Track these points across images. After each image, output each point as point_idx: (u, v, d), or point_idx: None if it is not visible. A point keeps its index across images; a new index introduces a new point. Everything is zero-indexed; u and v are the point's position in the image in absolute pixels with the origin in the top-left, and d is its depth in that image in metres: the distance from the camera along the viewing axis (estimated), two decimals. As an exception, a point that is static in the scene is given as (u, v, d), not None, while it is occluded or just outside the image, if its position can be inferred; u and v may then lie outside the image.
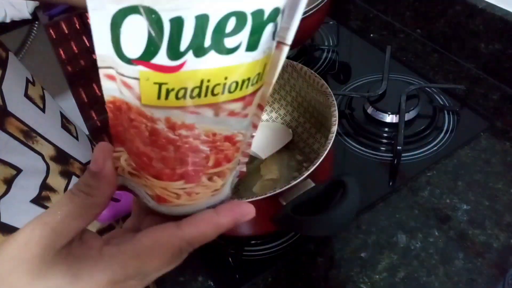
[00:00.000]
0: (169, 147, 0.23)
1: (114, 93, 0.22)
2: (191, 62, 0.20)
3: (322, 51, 0.83)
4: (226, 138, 0.24)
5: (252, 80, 0.22)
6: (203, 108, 0.22)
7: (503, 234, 0.51)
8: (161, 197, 0.25)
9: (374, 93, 0.66)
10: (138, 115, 0.22)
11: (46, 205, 0.45)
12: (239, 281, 0.52)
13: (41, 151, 0.46)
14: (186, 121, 0.22)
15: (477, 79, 0.71)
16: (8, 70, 0.43)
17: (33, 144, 0.45)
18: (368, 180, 0.59)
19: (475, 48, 0.71)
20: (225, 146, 0.24)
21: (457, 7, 0.71)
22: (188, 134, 0.22)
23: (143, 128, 0.22)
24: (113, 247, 0.24)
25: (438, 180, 0.57)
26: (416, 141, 0.63)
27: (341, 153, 0.63)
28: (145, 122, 0.22)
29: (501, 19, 0.65)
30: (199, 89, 0.21)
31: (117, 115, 0.23)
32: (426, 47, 0.79)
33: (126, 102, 0.22)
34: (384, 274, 0.49)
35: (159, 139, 0.23)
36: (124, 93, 0.21)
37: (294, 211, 0.37)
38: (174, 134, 0.22)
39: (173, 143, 0.23)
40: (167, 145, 0.23)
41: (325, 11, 0.73)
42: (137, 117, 0.22)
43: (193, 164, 0.24)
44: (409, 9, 0.81)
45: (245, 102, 0.23)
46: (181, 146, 0.23)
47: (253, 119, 0.26)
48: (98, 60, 0.21)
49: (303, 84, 0.55)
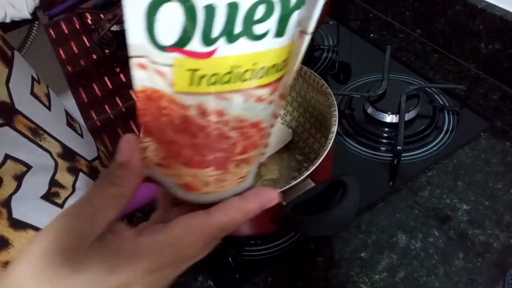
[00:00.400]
0: (199, 133, 0.24)
1: (145, 82, 0.22)
2: (222, 48, 0.21)
3: (322, 51, 0.83)
4: (252, 125, 0.25)
5: (278, 66, 0.23)
6: (233, 93, 0.23)
7: (503, 234, 0.51)
8: (189, 185, 0.26)
9: (374, 93, 0.66)
10: (170, 103, 0.23)
11: (56, 201, 0.45)
12: (239, 281, 0.52)
13: (49, 148, 0.46)
14: (217, 107, 0.23)
15: (477, 79, 0.71)
16: (14, 68, 0.44)
17: (40, 141, 0.46)
18: (368, 180, 0.59)
19: (475, 48, 0.71)
20: (252, 132, 0.25)
21: (457, 7, 0.71)
22: (219, 120, 0.23)
23: (174, 115, 0.23)
24: (147, 237, 0.24)
25: (438, 180, 0.57)
26: (416, 141, 0.63)
27: (341, 153, 0.63)
28: (176, 110, 0.23)
29: (501, 19, 0.65)
30: (229, 75, 0.22)
31: (147, 105, 0.23)
32: (426, 47, 0.79)
33: (157, 90, 0.22)
34: (384, 274, 0.49)
35: (190, 126, 0.23)
36: (156, 81, 0.22)
37: (294, 211, 0.37)
38: (204, 120, 0.23)
39: (203, 129, 0.23)
40: (198, 132, 0.23)
41: (325, 11, 0.73)
42: (169, 105, 0.23)
43: (222, 151, 0.25)
44: (409, 9, 0.81)
45: (272, 88, 0.24)
46: (211, 133, 0.24)
47: (275, 109, 0.26)
48: (130, 49, 0.21)
49: (303, 84, 0.55)
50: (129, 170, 0.24)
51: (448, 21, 0.74)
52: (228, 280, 0.52)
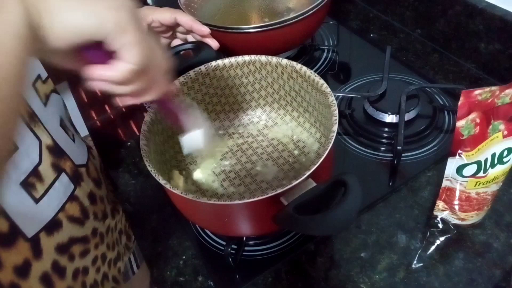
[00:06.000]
0: None
1: None
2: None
3: (322, 51, 0.83)
4: None
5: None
6: None
7: (503, 234, 0.51)
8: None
9: (374, 93, 0.66)
10: None
11: (33, 193, 0.45)
12: (239, 281, 0.52)
13: (41, 137, 0.46)
14: None
15: (477, 79, 0.71)
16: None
17: (34, 127, 0.46)
18: (368, 180, 0.59)
19: (475, 48, 0.71)
20: None
21: (457, 7, 0.71)
22: None
23: None
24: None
25: (438, 180, 0.57)
26: (416, 141, 0.63)
27: (341, 153, 0.63)
28: None
29: (501, 19, 0.65)
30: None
31: None
32: (426, 47, 0.79)
33: None
34: (384, 274, 0.49)
35: None
36: None
37: (296, 210, 0.37)
38: None
39: None
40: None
41: (325, 11, 0.73)
42: None
43: None
44: (409, 9, 0.81)
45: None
46: None
47: None
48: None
49: (303, 84, 0.55)
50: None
51: (448, 21, 0.74)
52: (228, 280, 0.52)
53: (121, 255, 0.63)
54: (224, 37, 0.67)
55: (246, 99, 0.63)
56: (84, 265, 0.53)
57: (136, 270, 0.69)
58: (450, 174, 0.48)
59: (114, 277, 0.60)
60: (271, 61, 0.56)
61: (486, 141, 0.44)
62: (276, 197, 0.40)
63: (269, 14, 0.82)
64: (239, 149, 0.61)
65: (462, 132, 0.46)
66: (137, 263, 0.69)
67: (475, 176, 0.46)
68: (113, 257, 0.60)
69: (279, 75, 0.57)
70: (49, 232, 0.47)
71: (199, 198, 0.41)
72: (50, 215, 0.47)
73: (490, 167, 0.45)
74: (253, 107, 0.64)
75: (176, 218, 0.59)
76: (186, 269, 0.53)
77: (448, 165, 0.48)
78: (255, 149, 0.61)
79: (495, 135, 0.43)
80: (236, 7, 0.83)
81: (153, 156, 0.48)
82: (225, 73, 0.59)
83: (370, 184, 0.58)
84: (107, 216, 0.60)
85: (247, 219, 0.46)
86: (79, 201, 0.51)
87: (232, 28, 0.67)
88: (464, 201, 0.49)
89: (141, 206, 0.62)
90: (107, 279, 0.59)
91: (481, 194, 0.48)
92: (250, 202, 0.40)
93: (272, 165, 0.58)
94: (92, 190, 0.55)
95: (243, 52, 0.58)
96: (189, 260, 0.54)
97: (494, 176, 0.45)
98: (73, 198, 0.50)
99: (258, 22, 0.76)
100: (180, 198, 0.44)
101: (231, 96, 0.62)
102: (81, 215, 0.52)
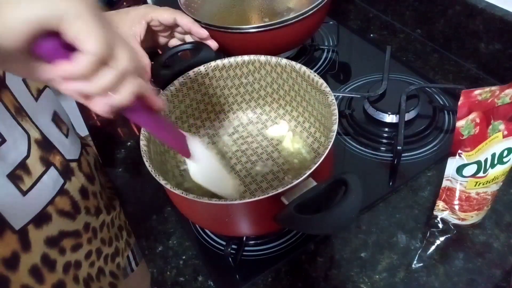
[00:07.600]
0: None
1: None
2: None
3: (322, 51, 0.83)
4: None
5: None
6: None
7: (503, 234, 0.51)
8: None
9: (374, 93, 0.66)
10: None
11: (20, 186, 0.45)
12: (239, 281, 0.51)
13: (29, 131, 0.46)
14: None
15: (477, 79, 0.71)
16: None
17: (21, 121, 0.46)
18: (368, 180, 0.59)
19: (475, 48, 0.71)
20: None
21: (457, 7, 0.71)
22: None
23: None
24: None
25: (438, 180, 0.57)
26: (416, 141, 0.63)
27: (341, 153, 0.63)
28: None
29: (501, 19, 0.65)
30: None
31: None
32: (426, 47, 0.79)
33: None
34: (384, 274, 0.49)
35: None
36: None
37: (297, 209, 0.37)
38: None
39: None
40: None
41: (325, 11, 0.73)
42: None
43: None
44: (409, 9, 0.81)
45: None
46: None
47: None
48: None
49: (302, 84, 0.55)
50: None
51: (448, 21, 0.74)
52: (228, 280, 0.52)
53: (120, 251, 0.63)
54: (224, 37, 0.67)
55: (246, 99, 0.63)
56: (76, 259, 0.53)
57: (135, 267, 0.68)
58: (450, 174, 0.48)
59: (112, 272, 0.60)
60: (270, 61, 0.56)
61: (486, 141, 0.44)
62: (276, 196, 0.40)
63: (269, 14, 0.82)
64: (239, 149, 0.61)
65: (462, 132, 0.46)
66: (135, 261, 0.69)
67: (475, 176, 0.46)
68: (110, 253, 0.60)
69: (279, 75, 0.57)
70: (37, 225, 0.47)
71: (200, 198, 0.41)
72: (38, 208, 0.47)
73: (490, 167, 0.45)
74: (253, 107, 0.64)
75: (176, 218, 0.59)
76: (186, 269, 0.53)
77: (448, 165, 0.48)
78: (255, 149, 0.61)
79: (495, 135, 0.43)
80: (236, 7, 0.83)
81: (153, 156, 0.48)
82: (225, 73, 0.58)
83: (370, 184, 0.58)
84: (101, 211, 0.59)
85: (248, 219, 0.46)
86: (69, 195, 0.51)
87: (232, 28, 0.67)
88: (464, 201, 0.49)
89: (141, 206, 0.62)
90: (103, 274, 0.58)
91: (481, 194, 0.48)
92: (251, 201, 0.40)
93: (272, 165, 0.58)
94: (84, 185, 0.54)
95: (242, 52, 0.58)
96: (189, 260, 0.54)
97: (494, 176, 0.45)
98: (63, 192, 0.50)
99: (258, 22, 0.76)
100: (180, 198, 0.44)
101: (230, 96, 0.62)
102: (71, 209, 0.52)
